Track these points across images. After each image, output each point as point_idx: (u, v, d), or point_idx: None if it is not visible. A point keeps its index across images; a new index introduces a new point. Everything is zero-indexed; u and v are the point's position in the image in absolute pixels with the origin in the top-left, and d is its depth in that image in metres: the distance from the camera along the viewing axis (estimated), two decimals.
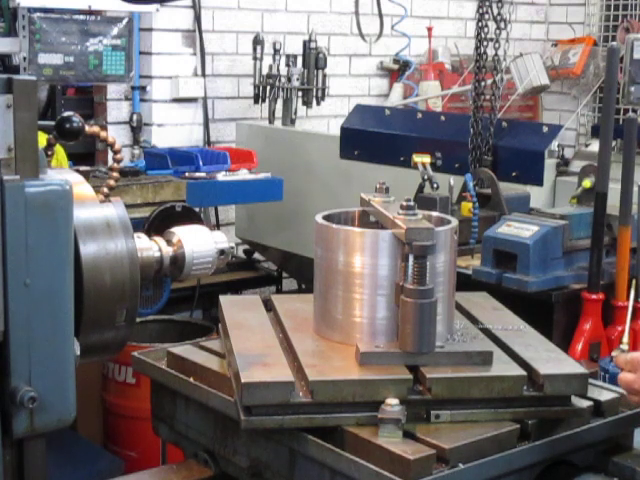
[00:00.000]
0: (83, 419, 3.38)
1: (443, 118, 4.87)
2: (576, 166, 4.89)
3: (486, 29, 4.28)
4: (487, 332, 2.30)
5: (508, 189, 4.18)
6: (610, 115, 3.60)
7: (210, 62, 6.03)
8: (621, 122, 4.12)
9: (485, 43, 4.29)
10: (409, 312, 2.04)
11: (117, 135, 5.55)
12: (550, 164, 4.97)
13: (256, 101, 5.90)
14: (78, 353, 1.91)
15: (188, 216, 4.38)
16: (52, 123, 2.10)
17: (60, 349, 1.87)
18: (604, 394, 2.21)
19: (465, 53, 7.08)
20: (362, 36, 6.09)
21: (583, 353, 3.53)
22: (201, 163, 4.85)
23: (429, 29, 7.00)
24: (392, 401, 1.95)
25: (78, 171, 2.17)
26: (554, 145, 5.09)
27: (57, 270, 1.85)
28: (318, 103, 5.98)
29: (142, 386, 4.16)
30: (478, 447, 1.94)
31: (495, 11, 4.24)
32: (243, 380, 1.98)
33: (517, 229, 3.55)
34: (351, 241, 2.18)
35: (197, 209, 4.85)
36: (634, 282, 3.57)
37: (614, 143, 4.69)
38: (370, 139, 4.97)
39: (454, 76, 6.90)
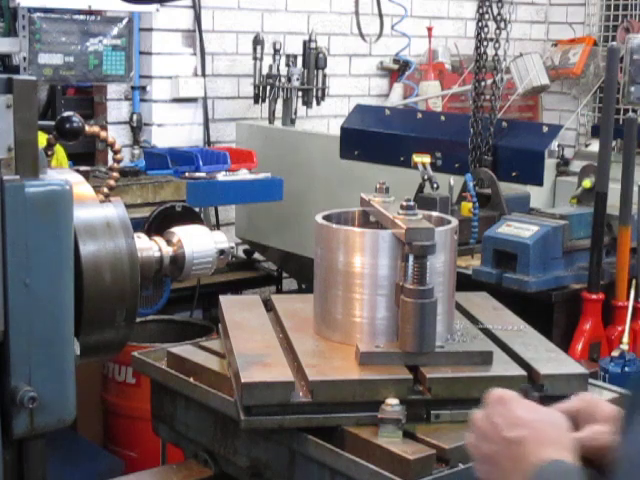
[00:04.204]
0: (83, 419, 3.37)
1: (443, 118, 4.86)
2: (576, 166, 4.89)
3: (486, 29, 4.28)
4: (487, 332, 2.31)
5: (508, 189, 4.18)
6: (610, 115, 3.60)
7: (210, 62, 6.03)
8: (621, 122, 4.12)
9: (485, 43, 4.29)
10: (409, 312, 2.04)
11: (117, 135, 5.55)
12: (550, 164, 4.96)
13: (256, 101, 5.89)
14: (78, 353, 1.91)
15: (188, 216, 4.37)
16: (52, 123, 2.10)
17: (60, 349, 1.87)
18: (604, 394, 2.22)
19: (465, 53, 7.08)
20: (362, 36, 6.08)
21: (583, 353, 3.53)
22: (201, 163, 4.84)
23: (429, 29, 6.99)
24: (392, 401, 1.95)
25: (78, 171, 2.17)
26: (554, 145, 5.08)
27: (57, 270, 1.84)
28: (318, 103, 5.98)
29: (142, 386, 4.16)
30: None
31: (495, 11, 4.24)
32: (243, 380, 1.98)
33: (517, 229, 3.55)
34: (351, 241, 2.18)
35: (197, 209, 4.84)
36: (634, 282, 3.57)
37: (614, 143, 4.68)
38: (370, 139, 4.96)
39: (454, 76, 6.90)
